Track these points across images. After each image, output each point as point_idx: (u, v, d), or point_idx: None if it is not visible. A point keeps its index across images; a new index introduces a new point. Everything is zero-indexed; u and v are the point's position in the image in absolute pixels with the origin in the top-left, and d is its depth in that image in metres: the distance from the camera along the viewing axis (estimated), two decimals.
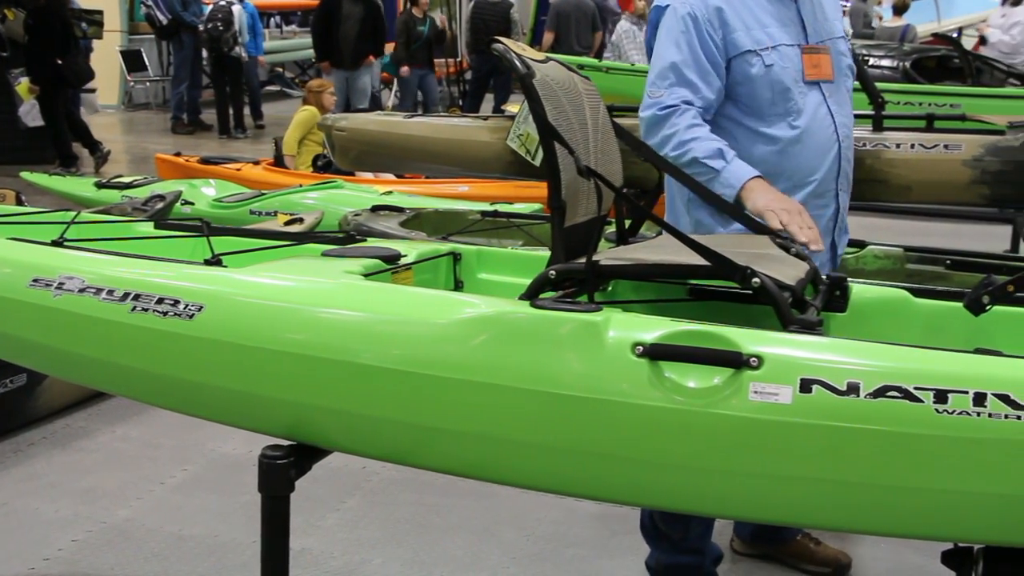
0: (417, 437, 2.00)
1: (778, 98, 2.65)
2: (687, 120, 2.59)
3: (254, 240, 2.67)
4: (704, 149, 2.56)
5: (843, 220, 2.83)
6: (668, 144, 2.59)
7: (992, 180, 4.84)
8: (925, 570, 3.11)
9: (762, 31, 2.65)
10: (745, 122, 2.68)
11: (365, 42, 10.72)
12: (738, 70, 2.64)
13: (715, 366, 1.76)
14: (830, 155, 2.72)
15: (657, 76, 2.65)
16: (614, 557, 3.24)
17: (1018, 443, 1.63)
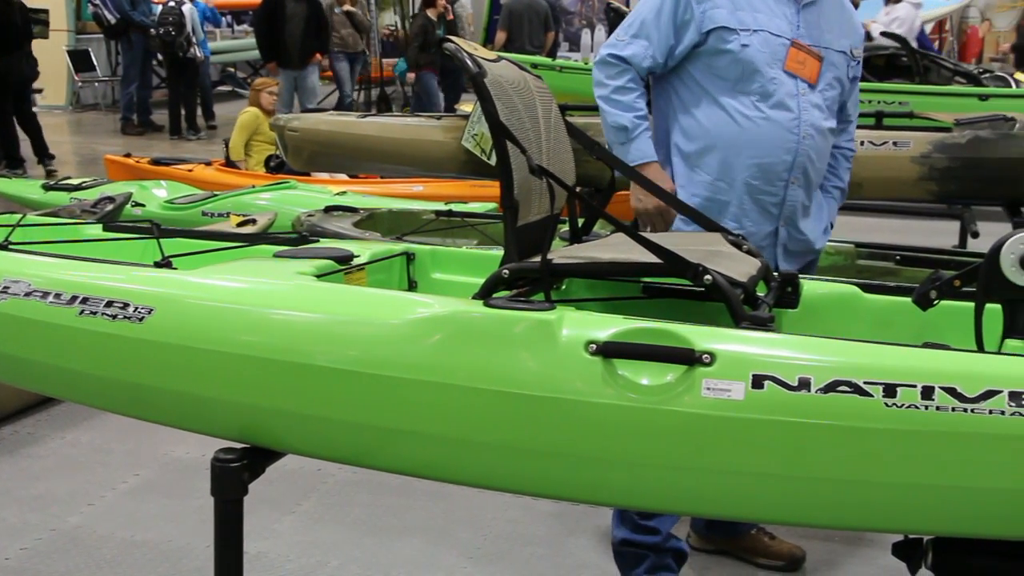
0: (372, 438, 1.99)
1: (747, 77, 2.77)
2: (622, 80, 2.85)
3: (205, 242, 2.64)
4: (614, 119, 2.85)
5: (793, 214, 2.86)
6: (599, 90, 2.89)
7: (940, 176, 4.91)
8: (877, 563, 3.15)
9: (750, 14, 2.78)
10: (711, 92, 2.82)
11: (311, 40, 10.65)
12: (714, 44, 2.78)
13: (668, 363, 1.77)
14: (784, 145, 2.78)
15: (628, 24, 2.89)
16: (571, 555, 3.25)
17: (964, 435, 1.66)
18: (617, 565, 2.94)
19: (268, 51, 10.86)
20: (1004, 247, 1.90)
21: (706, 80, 2.82)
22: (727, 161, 2.80)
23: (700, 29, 2.78)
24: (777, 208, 2.83)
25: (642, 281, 2.33)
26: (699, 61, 2.82)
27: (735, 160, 2.78)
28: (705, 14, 2.77)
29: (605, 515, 3.40)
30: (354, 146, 4.95)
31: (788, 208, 2.84)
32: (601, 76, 2.88)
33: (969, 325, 1.99)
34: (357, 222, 4.42)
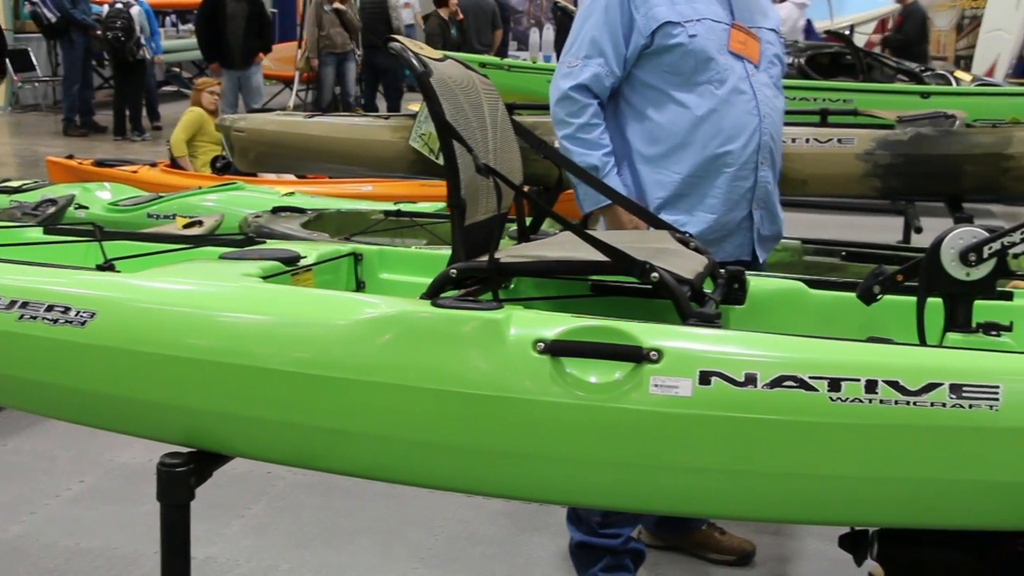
0: (321, 440, 1.98)
1: (701, 67, 2.77)
2: (585, 117, 2.80)
3: (149, 244, 2.60)
4: (584, 160, 2.76)
5: (767, 196, 2.88)
6: (563, 129, 2.83)
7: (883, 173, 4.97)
8: (825, 555, 3.19)
9: (688, 5, 2.78)
10: (668, 90, 2.80)
11: (253, 40, 10.55)
12: (661, 42, 2.77)
13: (616, 361, 1.78)
14: (749, 128, 2.80)
15: (577, 46, 2.85)
16: (523, 554, 3.25)
17: (907, 428, 1.68)
18: (573, 564, 2.95)
19: (209, 51, 10.73)
20: (944, 242, 1.93)
21: (658, 80, 2.81)
22: (698, 155, 2.78)
23: (645, 32, 2.77)
24: (751, 192, 2.84)
25: (590, 279, 2.34)
26: (648, 63, 2.81)
27: (705, 152, 2.77)
28: (648, 15, 2.77)
29: (557, 513, 3.41)
30: (301, 146, 4.92)
31: (760, 190, 2.85)
32: (563, 114, 2.83)
33: (912, 319, 2.01)
34: (305, 223, 4.39)
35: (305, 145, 4.89)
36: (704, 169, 2.79)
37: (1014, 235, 1.89)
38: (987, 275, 1.93)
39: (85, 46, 12.40)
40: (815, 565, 3.20)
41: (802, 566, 3.20)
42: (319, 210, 4.71)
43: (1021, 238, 1.89)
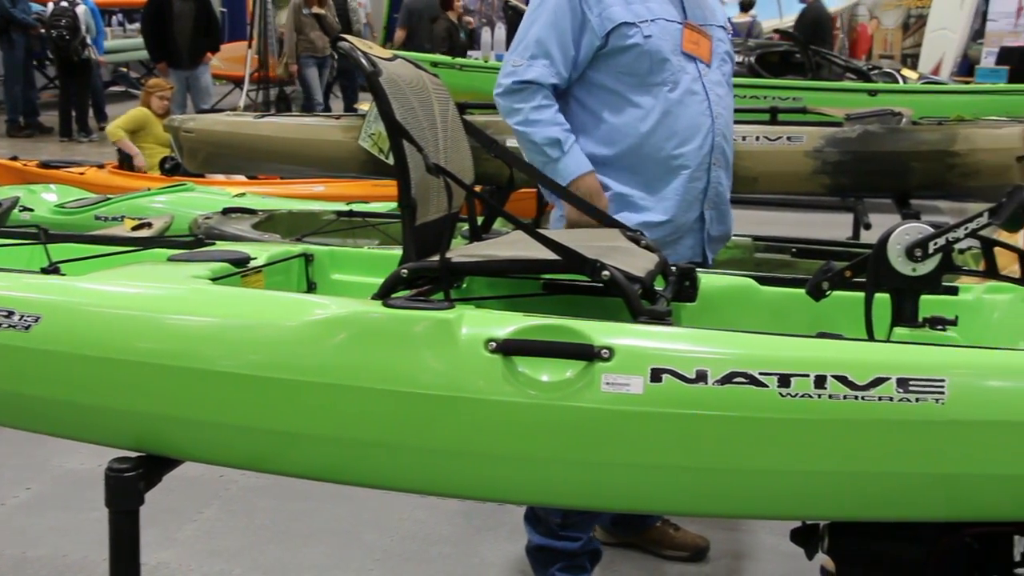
0: (274, 443, 1.96)
1: (656, 68, 2.74)
2: (535, 101, 2.74)
3: (96, 246, 2.57)
4: (543, 135, 2.72)
5: (718, 196, 2.87)
6: (513, 117, 2.77)
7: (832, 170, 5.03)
8: (778, 549, 3.22)
9: (642, 5, 2.76)
10: (622, 92, 2.77)
11: (200, 39, 10.44)
12: (616, 43, 2.73)
13: (567, 359, 1.78)
14: (703, 129, 2.79)
15: (522, 47, 2.78)
16: (479, 553, 3.25)
17: (855, 422, 1.70)
18: (531, 564, 2.94)
19: (156, 51, 10.59)
20: (890, 238, 1.96)
21: (612, 81, 2.78)
22: (653, 157, 2.76)
23: (599, 32, 2.73)
24: (703, 193, 2.83)
25: (542, 278, 2.34)
26: (602, 64, 2.77)
27: (661, 154, 2.76)
28: (602, 15, 2.73)
29: (513, 512, 3.41)
30: (252, 147, 4.88)
31: (712, 191, 2.84)
32: (511, 104, 2.77)
33: (861, 314, 2.04)
34: (256, 224, 4.36)
35: (255, 146, 4.86)
36: (660, 171, 2.77)
37: (958, 231, 1.92)
38: (933, 270, 1.96)
39: (26, 46, 12.19)
40: (769, 559, 3.22)
41: (756, 561, 3.23)
42: (270, 211, 4.68)
43: (965, 234, 1.92)
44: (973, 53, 13.93)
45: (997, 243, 2.06)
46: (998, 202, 1.92)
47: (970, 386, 1.70)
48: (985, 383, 1.71)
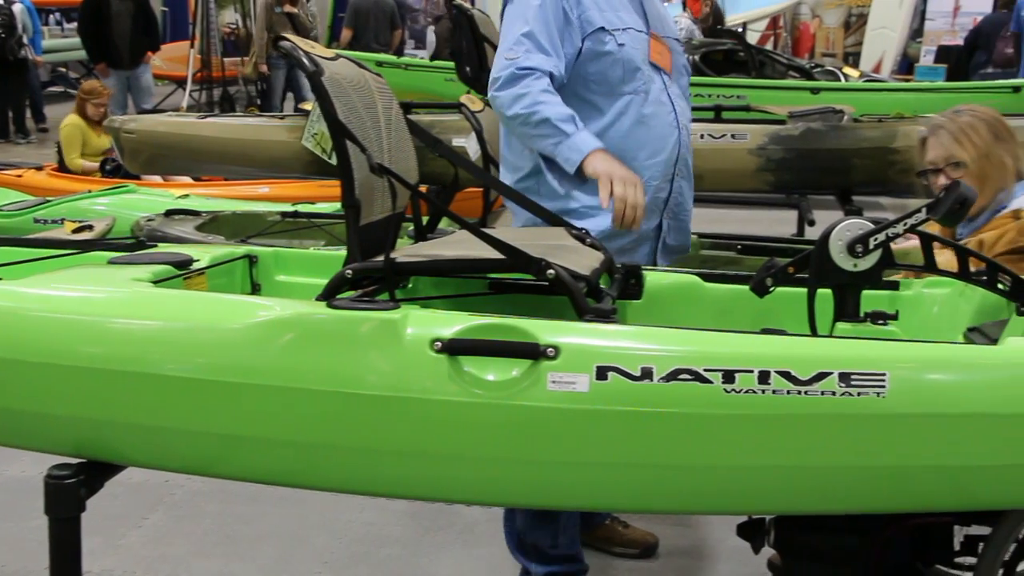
0: (219, 447, 1.94)
1: (628, 76, 2.70)
2: (542, 84, 2.60)
3: (34, 250, 2.52)
4: (557, 112, 2.58)
5: (678, 207, 2.86)
6: (520, 102, 2.59)
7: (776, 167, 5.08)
8: (726, 544, 3.24)
9: (613, 13, 2.72)
10: (594, 100, 2.71)
11: (140, 39, 10.28)
12: (591, 48, 2.68)
13: (513, 358, 1.78)
14: (671, 140, 2.77)
15: (514, 43, 2.66)
16: (429, 554, 3.24)
17: (799, 417, 1.72)
18: None
19: (95, 51, 10.40)
20: (832, 235, 1.98)
21: (584, 89, 2.70)
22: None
23: (580, 34, 2.67)
24: (664, 203, 2.81)
25: (488, 277, 2.34)
26: (574, 71, 2.69)
27: (632, 165, 2.65)
28: (582, 17, 2.68)
29: (462, 512, 3.41)
30: (195, 148, 4.84)
31: (673, 200, 2.83)
32: (515, 90, 2.59)
33: (804, 310, 2.05)
34: (200, 225, 4.31)
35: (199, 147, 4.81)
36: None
37: (897, 226, 1.94)
38: (873, 266, 1.98)
39: None
40: (717, 554, 3.24)
41: (704, 556, 3.25)
42: (214, 212, 4.63)
43: (904, 229, 1.94)
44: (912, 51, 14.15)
45: (936, 238, 2.09)
46: (935, 198, 1.95)
47: (910, 379, 1.73)
48: (925, 376, 1.74)
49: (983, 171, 2.57)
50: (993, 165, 2.58)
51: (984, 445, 1.74)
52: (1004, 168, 2.58)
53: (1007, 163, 2.58)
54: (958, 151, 2.58)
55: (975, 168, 2.58)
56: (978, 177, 2.57)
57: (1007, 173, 2.58)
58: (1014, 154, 2.59)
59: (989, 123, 2.59)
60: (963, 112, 2.65)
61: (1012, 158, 2.59)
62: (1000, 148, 2.58)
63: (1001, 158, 2.59)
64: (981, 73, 10.36)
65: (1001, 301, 2.03)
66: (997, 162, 2.58)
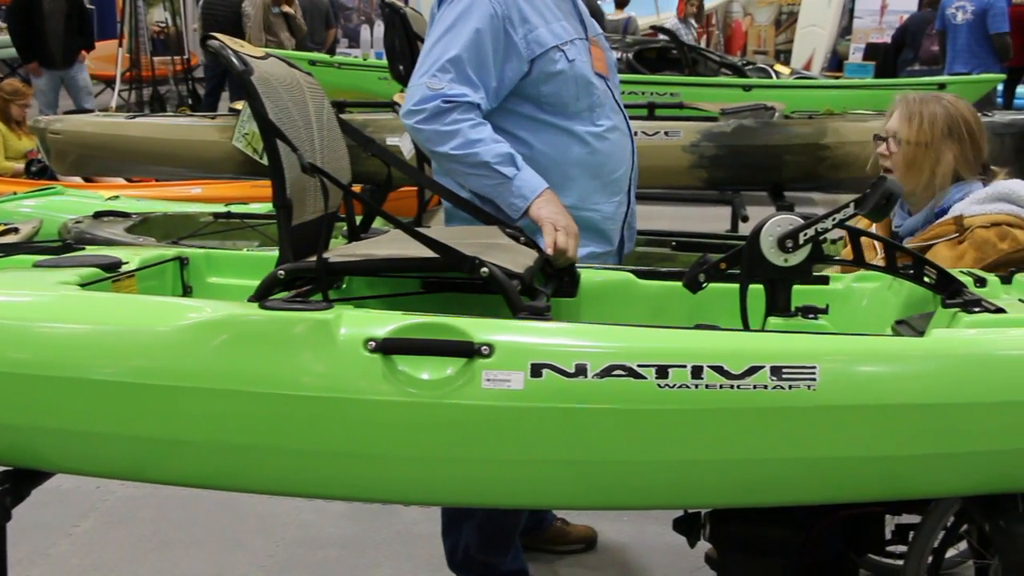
0: (151, 451, 1.92)
1: (582, 93, 2.57)
2: (472, 119, 2.43)
3: None
4: (493, 153, 2.42)
5: (632, 215, 2.80)
6: (450, 141, 2.42)
7: (709, 164, 5.14)
8: (663, 538, 3.26)
9: (558, 24, 2.57)
10: (551, 121, 2.57)
11: (74, 38, 10.08)
12: (543, 68, 2.52)
13: (447, 357, 1.78)
14: (628, 151, 2.70)
15: (438, 69, 2.45)
16: (367, 554, 3.22)
17: (732, 411, 1.73)
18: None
19: (26, 50, 10.19)
20: (763, 230, 2.00)
21: (535, 110, 2.56)
22: (588, 185, 2.60)
23: (526, 57, 2.50)
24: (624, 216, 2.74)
25: (422, 276, 2.33)
26: (524, 93, 2.55)
27: (596, 182, 2.61)
28: (528, 38, 2.50)
29: (400, 511, 3.40)
30: (124, 148, 4.77)
31: (630, 211, 2.77)
32: (441, 126, 2.42)
33: (737, 305, 2.08)
34: (130, 227, 4.24)
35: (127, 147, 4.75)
36: (597, 200, 2.63)
37: (826, 221, 1.97)
38: (803, 260, 2.01)
39: None
40: (655, 549, 3.27)
41: (642, 551, 3.27)
42: (145, 214, 4.56)
43: (833, 224, 1.97)
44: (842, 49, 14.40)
45: (864, 233, 2.12)
46: (863, 193, 1.98)
47: (840, 372, 1.76)
48: (854, 369, 1.77)
49: (916, 157, 2.54)
50: (928, 156, 2.54)
51: (912, 435, 1.77)
52: (940, 164, 2.54)
53: (946, 160, 2.54)
54: (904, 129, 2.57)
55: (910, 151, 2.55)
56: (908, 162, 2.56)
57: (942, 169, 2.54)
58: (962, 155, 2.54)
59: (949, 118, 2.54)
60: (939, 99, 2.60)
61: (957, 158, 2.54)
62: (947, 144, 2.53)
63: (942, 153, 2.54)
64: (908, 70, 10.55)
65: (927, 294, 2.07)
66: (934, 155, 2.53)
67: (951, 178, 2.56)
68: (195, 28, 12.81)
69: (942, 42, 9.56)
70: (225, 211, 4.47)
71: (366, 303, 2.22)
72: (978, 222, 2.42)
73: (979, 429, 1.77)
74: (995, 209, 2.44)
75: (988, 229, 2.40)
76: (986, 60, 8.96)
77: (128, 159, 4.84)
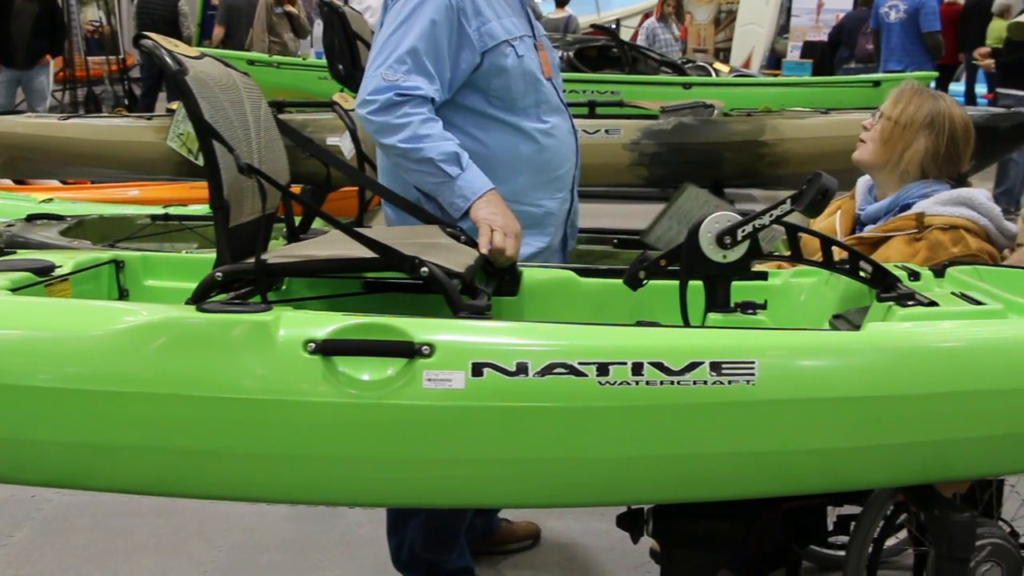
0: (89, 458, 1.88)
1: (530, 89, 2.59)
2: (423, 113, 2.43)
3: None
4: (439, 151, 2.42)
5: (575, 213, 2.81)
6: (399, 133, 2.42)
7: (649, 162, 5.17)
8: (609, 535, 3.26)
9: (508, 20, 2.58)
10: (499, 116, 2.58)
11: (41, 40, 9.88)
12: (493, 61, 2.53)
13: (387, 357, 1.77)
14: (572, 148, 2.72)
15: (395, 60, 2.44)
16: (310, 557, 3.20)
17: (672, 407, 1.74)
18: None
19: None
20: (702, 227, 2.01)
21: (484, 104, 2.57)
22: (534, 181, 2.62)
23: (478, 48, 2.51)
24: (567, 213, 2.76)
25: (362, 277, 2.32)
26: (476, 85, 2.55)
27: (541, 178, 2.63)
28: (481, 31, 2.51)
29: (343, 513, 3.38)
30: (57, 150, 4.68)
31: (573, 209, 2.78)
32: (392, 119, 2.41)
33: (678, 302, 2.09)
34: (64, 230, 4.16)
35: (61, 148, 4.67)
36: (541, 196, 2.64)
37: (763, 218, 1.99)
38: (742, 257, 2.02)
39: None
40: (599, 545, 3.28)
41: (588, 548, 3.28)
42: (80, 216, 4.47)
43: (770, 220, 1.99)
44: (780, 47, 14.56)
45: (801, 229, 2.14)
46: (799, 189, 2.00)
47: (778, 366, 1.77)
48: (792, 363, 1.79)
49: (891, 135, 2.57)
50: (903, 138, 2.57)
51: (849, 427, 1.80)
52: (910, 149, 2.56)
53: (917, 147, 2.56)
54: (889, 106, 2.61)
55: (887, 127, 2.58)
56: (883, 137, 2.59)
57: (910, 155, 2.57)
58: (934, 151, 2.57)
59: (937, 112, 2.54)
60: (936, 96, 2.60)
61: (928, 151, 2.57)
62: (923, 134, 2.56)
63: (915, 139, 2.56)
64: (844, 68, 10.71)
65: (863, 288, 2.10)
66: (908, 138, 2.56)
67: (918, 169, 2.59)
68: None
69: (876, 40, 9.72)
70: (163, 213, 4.41)
71: (306, 304, 2.20)
72: (937, 222, 2.47)
73: (914, 420, 1.80)
74: (955, 212, 2.48)
75: (945, 232, 2.45)
76: (919, 58, 9.13)
77: (62, 161, 4.75)
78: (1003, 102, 7.57)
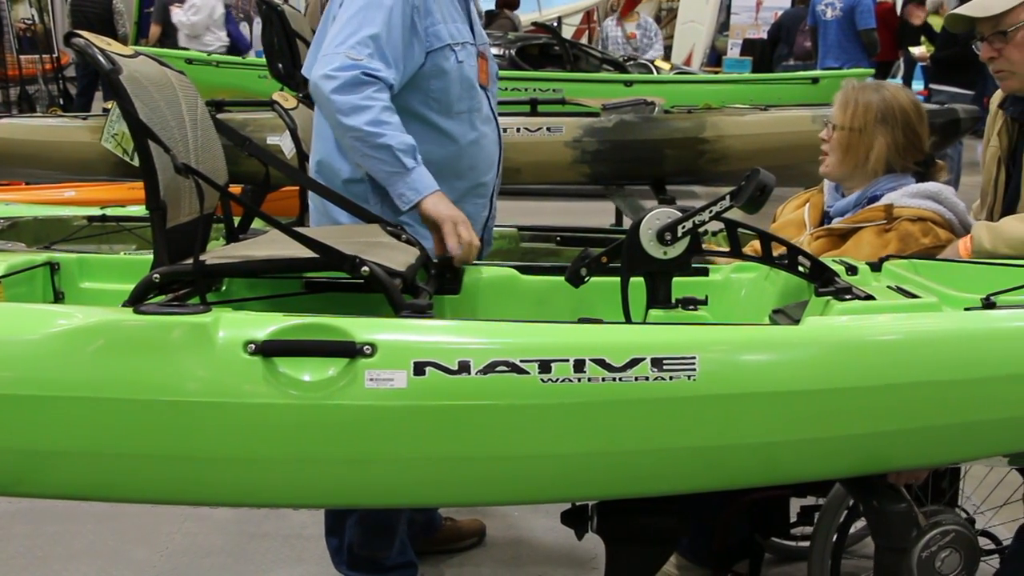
0: (24, 463, 1.85)
1: (465, 95, 2.60)
2: (384, 99, 2.42)
3: None
4: (399, 141, 2.41)
5: (492, 219, 2.85)
6: (361, 116, 2.39)
7: (591, 159, 5.19)
8: (555, 531, 3.28)
9: (454, 25, 2.60)
10: (431, 118, 2.59)
11: None
12: (435, 63, 2.55)
13: (329, 357, 1.76)
14: (496, 157, 2.75)
15: (359, 41, 2.42)
16: (255, 560, 3.17)
17: (614, 403, 1.75)
18: None
19: None
20: (642, 224, 2.02)
21: (422, 105, 2.58)
22: (456, 185, 2.61)
23: (424, 47, 2.52)
24: (486, 219, 2.78)
25: (303, 277, 2.30)
26: (417, 84, 2.55)
27: (464, 183, 2.64)
28: (429, 31, 2.53)
29: (287, 515, 3.36)
30: None
31: (492, 216, 2.81)
32: (356, 99, 2.38)
33: (619, 299, 2.10)
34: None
35: None
36: (462, 202, 2.60)
37: (703, 214, 2.00)
38: (682, 253, 2.04)
39: None
40: (544, 543, 3.29)
41: (533, 545, 3.29)
42: (13, 218, 4.38)
43: (710, 217, 2.00)
44: (720, 44, 14.69)
45: (740, 225, 2.16)
46: (738, 185, 2.02)
47: (719, 361, 1.79)
48: (733, 358, 1.80)
49: (850, 142, 2.60)
50: (862, 142, 2.59)
51: (789, 421, 1.82)
52: (873, 149, 2.59)
53: (879, 145, 2.59)
54: (839, 115, 2.64)
55: (844, 136, 2.61)
56: (843, 147, 2.61)
57: (875, 155, 2.59)
58: (895, 142, 2.59)
59: (885, 105, 2.58)
60: (878, 88, 2.66)
61: (890, 146, 2.59)
62: (880, 131, 2.58)
63: (874, 139, 2.59)
64: (783, 65, 10.82)
65: (802, 283, 2.12)
66: (867, 141, 2.58)
67: (884, 165, 2.62)
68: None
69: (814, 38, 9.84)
70: (100, 214, 4.34)
71: (246, 305, 2.18)
72: (906, 214, 2.51)
73: (852, 413, 1.82)
74: (923, 205, 2.53)
75: (914, 223, 2.50)
76: (856, 55, 9.26)
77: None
78: (937, 98, 7.71)
